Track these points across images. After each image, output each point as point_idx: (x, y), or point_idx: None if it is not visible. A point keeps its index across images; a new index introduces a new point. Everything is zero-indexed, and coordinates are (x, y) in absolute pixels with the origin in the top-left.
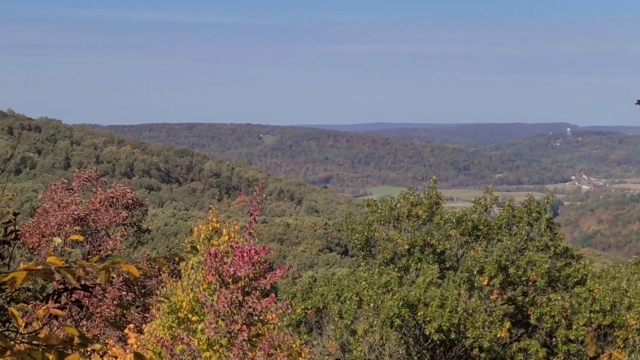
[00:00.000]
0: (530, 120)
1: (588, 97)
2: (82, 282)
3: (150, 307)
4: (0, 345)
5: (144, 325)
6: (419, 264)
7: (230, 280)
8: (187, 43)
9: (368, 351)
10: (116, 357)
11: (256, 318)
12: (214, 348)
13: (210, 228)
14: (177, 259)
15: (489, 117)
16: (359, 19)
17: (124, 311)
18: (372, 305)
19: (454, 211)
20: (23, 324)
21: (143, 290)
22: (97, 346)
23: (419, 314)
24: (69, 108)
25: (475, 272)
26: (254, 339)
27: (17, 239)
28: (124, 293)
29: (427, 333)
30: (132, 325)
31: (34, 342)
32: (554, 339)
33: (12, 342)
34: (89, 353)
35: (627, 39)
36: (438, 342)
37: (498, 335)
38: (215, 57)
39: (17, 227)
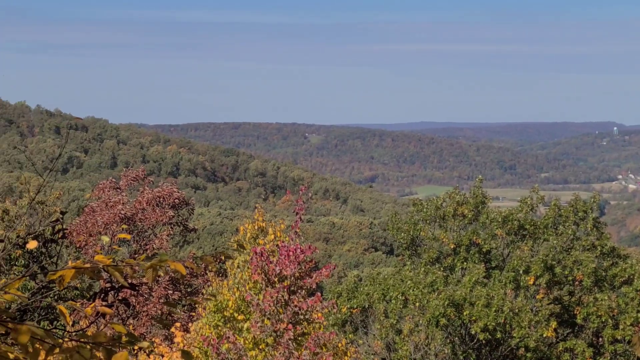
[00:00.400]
0: (577, 119)
1: (635, 96)
2: (130, 280)
3: (197, 305)
4: (49, 343)
5: (190, 324)
6: (465, 263)
7: (276, 279)
8: (233, 43)
9: (413, 350)
10: (162, 356)
11: (302, 317)
12: (260, 347)
13: (256, 227)
14: (223, 257)
15: (536, 117)
16: (406, 19)
17: (171, 310)
18: (417, 304)
19: (500, 210)
20: (70, 323)
21: (189, 289)
22: (145, 344)
23: (464, 313)
24: (115, 108)
25: (521, 272)
26: (299, 338)
27: (65, 238)
28: (170, 292)
29: (472, 332)
30: (178, 324)
31: (83, 339)
32: (600, 339)
33: (61, 340)
34: (135, 351)
35: None
36: (484, 341)
37: (544, 335)
38: (261, 56)
39: (64, 226)
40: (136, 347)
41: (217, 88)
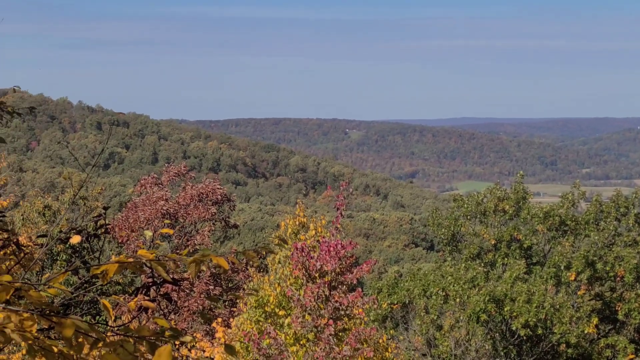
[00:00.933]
0: (619, 114)
1: None
2: (172, 275)
3: (238, 301)
4: (93, 337)
5: (231, 320)
6: (506, 259)
7: (317, 275)
8: (273, 38)
9: (454, 346)
10: (204, 351)
11: (342, 312)
12: (301, 342)
13: (297, 222)
14: (265, 252)
15: (577, 112)
16: (447, 14)
17: (212, 305)
18: (458, 300)
19: (541, 206)
20: (113, 317)
21: (230, 285)
22: (188, 338)
23: (505, 309)
24: (156, 104)
25: (562, 268)
26: (340, 334)
27: (107, 233)
28: (212, 287)
29: (513, 328)
30: (219, 320)
31: (127, 333)
32: None
33: (104, 334)
34: (177, 346)
35: None
36: (524, 337)
37: (585, 331)
38: (302, 52)
39: (107, 221)
40: (178, 342)
41: (258, 84)
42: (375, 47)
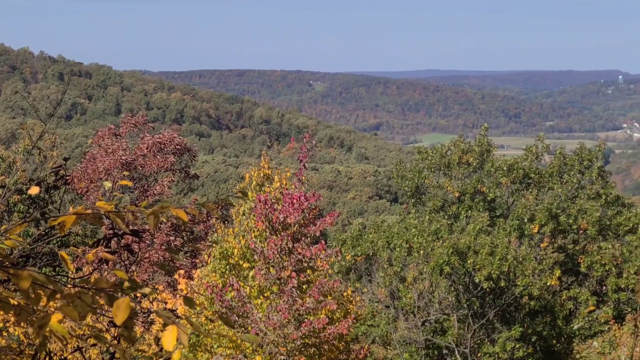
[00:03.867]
0: (582, 67)
1: None
2: (131, 227)
3: (201, 252)
4: (50, 289)
5: (193, 271)
6: (469, 211)
7: (280, 227)
8: None
9: (417, 298)
10: (166, 302)
11: (306, 265)
12: (265, 295)
13: (261, 174)
14: (225, 204)
15: (541, 65)
16: None
17: (173, 256)
18: (421, 252)
19: (505, 159)
20: (74, 269)
21: (191, 236)
22: (147, 290)
23: (468, 261)
24: (119, 54)
25: (525, 220)
26: (303, 286)
27: (67, 184)
28: (172, 238)
29: (476, 281)
30: (182, 271)
31: (84, 285)
32: (604, 287)
33: (63, 286)
34: (139, 298)
35: None
36: (488, 289)
37: (548, 284)
38: (265, 2)
39: (66, 172)
40: (139, 294)
41: (221, 34)
42: None
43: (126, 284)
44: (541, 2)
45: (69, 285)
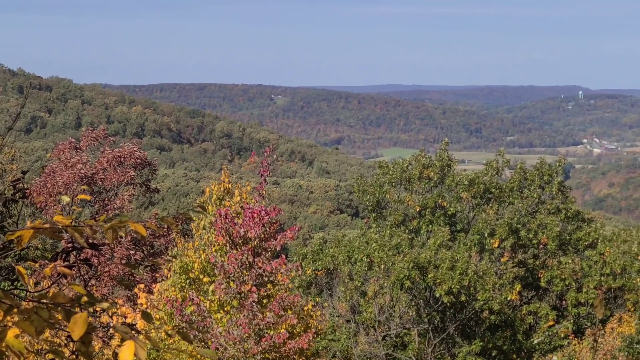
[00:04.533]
0: (543, 83)
1: (600, 60)
2: (90, 241)
3: (161, 267)
4: (7, 304)
5: (153, 285)
6: (430, 226)
7: (240, 242)
8: (198, 2)
9: (378, 313)
10: (125, 317)
11: (266, 279)
12: (225, 309)
13: (222, 188)
14: (185, 218)
15: (502, 80)
16: None
17: (133, 270)
18: (382, 267)
19: (465, 173)
20: (33, 283)
21: (152, 250)
22: (105, 305)
23: (429, 276)
24: (79, 68)
25: (486, 235)
26: (264, 300)
27: (25, 198)
28: (132, 252)
29: (437, 295)
30: (142, 285)
31: (42, 300)
32: (564, 302)
33: (19, 301)
34: (98, 312)
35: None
36: (448, 304)
37: (508, 298)
38: (226, 16)
39: (25, 186)
40: (97, 308)
41: (182, 49)
42: (300, 11)
43: (84, 298)
44: (502, 19)
45: (26, 300)
